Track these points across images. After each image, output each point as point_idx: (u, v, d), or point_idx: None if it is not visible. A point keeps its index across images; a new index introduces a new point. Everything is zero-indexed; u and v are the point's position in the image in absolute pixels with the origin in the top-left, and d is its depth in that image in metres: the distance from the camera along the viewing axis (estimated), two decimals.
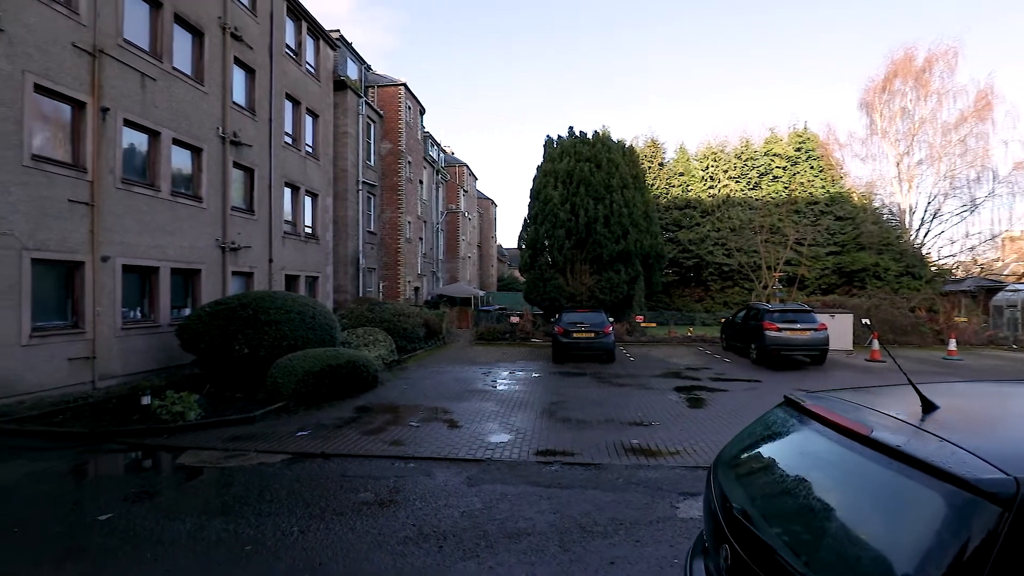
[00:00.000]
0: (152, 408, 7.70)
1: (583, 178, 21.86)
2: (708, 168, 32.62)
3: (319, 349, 9.91)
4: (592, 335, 14.71)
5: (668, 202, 31.88)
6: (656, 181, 32.34)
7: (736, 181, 31.83)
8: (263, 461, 6.21)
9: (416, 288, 29.85)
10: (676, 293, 31.47)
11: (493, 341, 20.69)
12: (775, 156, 31.57)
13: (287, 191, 16.73)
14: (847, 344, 17.74)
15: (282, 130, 16.21)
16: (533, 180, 23.33)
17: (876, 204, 30.20)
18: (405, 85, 26.89)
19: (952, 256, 29.81)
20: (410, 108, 27.98)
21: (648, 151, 33.21)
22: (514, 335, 21.08)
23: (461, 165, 44.07)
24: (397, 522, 4.52)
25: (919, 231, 29.77)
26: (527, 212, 23.18)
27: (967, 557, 1.21)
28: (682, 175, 32.69)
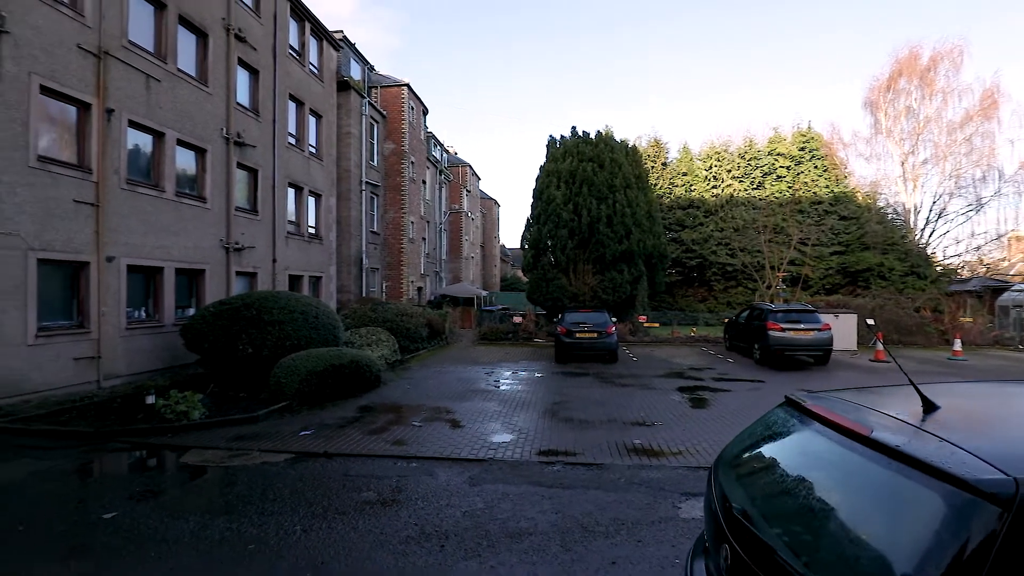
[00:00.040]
0: (156, 407, 7.74)
1: (586, 178, 21.80)
2: (711, 168, 32.54)
3: (322, 349, 9.93)
4: (595, 335, 14.68)
5: (671, 202, 31.78)
6: (659, 181, 32.24)
7: (740, 181, 31.74)
8: (266, 460, 6.24)
9: (419, 288, 29.89)
10: (679, 293, 31.41)
11: (496, 341, 20.69)
12: (779, 156, 31.46)
13: (291, 191, 16.78)
14: (851, 344, 17.67)
15: (286, 131, 16.27)
16: (536, 180, 23.25)
17: (881, 204, 30.02)
18: (408, 86, 26.92)
19: (957, 256, 29.62)
20: (413, 108, 28.01)
21: (651, 151, 33.15)
22: (517, 335, 21.08)
23: (464, 165, 44.11)
24: (399, 521, 4.53)
25: (924, 231, 29.62)
26: (530, 212, 23.11)
27: (966, 557, 1.21)
28: (685, 175, 32.62)
